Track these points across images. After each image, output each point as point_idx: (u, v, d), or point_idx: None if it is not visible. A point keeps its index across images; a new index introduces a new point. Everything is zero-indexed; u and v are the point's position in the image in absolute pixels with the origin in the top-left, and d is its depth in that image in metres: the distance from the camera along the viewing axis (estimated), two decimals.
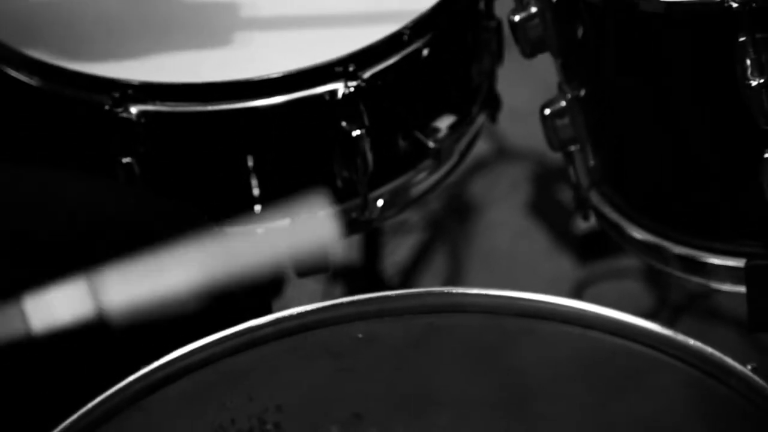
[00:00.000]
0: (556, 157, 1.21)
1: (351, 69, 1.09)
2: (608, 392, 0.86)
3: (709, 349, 0.83)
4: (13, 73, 1.13)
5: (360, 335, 0.89)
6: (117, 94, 1.08)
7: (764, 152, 1.01)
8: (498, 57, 1.24)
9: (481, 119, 1.24)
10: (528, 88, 1.32)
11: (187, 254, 0.91)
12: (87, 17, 1.21)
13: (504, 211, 2.03)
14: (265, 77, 1.09)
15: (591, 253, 1.92)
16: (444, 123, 1.17)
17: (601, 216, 1.17)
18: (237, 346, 0.89)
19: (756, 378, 0.81)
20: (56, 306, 0.91)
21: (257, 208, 1.15)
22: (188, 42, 1.18)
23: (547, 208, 2.00)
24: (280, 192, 1.13)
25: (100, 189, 1.16)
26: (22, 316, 0.89)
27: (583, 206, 1.19)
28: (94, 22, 1.20)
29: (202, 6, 1.22)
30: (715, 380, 0.83)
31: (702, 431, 0.85)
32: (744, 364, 0.82)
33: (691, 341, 0.84)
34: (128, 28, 1.20)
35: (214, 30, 1.20)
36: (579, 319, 0.88)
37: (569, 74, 1.14)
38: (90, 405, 0.86)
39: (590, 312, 0.88)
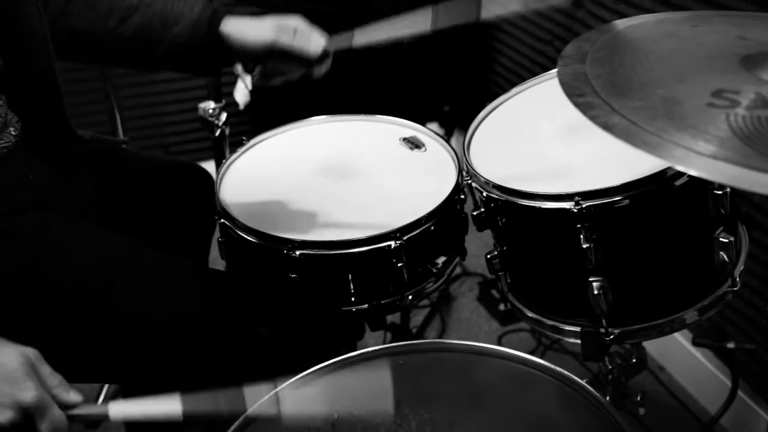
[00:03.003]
0: (491, 276, 1.18)
1: (398, 234, 1.07)
2: (519, 392, 0.85)
3: (566, 372, 0.83)
4: (243, 235, 1.10)
5: (401, 361, 0.88)
6: (290, 245, 1.06)
7: (589, 278, 1.00)
8: (465, 230, 1.22)
9: (457, 258, 1.21)
10: (479, 244, 1.30)
11: None
12: (292, 208, 1.14)
13: (466, 300, 2.02)
14: (356, 238, 1.06)
15: (508, 321, 1.93)
16: (440, 260, 1.14)
17: (512, 304, 1.14)
18: (336, 367, 0.87)
19: (589, 387, 0.81)
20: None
21: (352, 299, 1.11)
22: (321, 221, 1.12)
23: (487, 299, 1.99)
24: (364, 291, 1.11)
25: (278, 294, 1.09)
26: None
27: (504, 299, 1.16)
28: (304, 211, 1.14)
29: (324, 203, 1.16)
30: (569, 388, 0.82)
31: (567, 416, 0.82)
32: (582, 378, 0.82)
33: (557, 368, 0.83)
34: (298, 214, 1.14)
35: (331, 213, 1.14)
36: (503, 356, 0.87)
37: (498, 238, 1.12)
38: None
39: (508, 352, 0.87)
